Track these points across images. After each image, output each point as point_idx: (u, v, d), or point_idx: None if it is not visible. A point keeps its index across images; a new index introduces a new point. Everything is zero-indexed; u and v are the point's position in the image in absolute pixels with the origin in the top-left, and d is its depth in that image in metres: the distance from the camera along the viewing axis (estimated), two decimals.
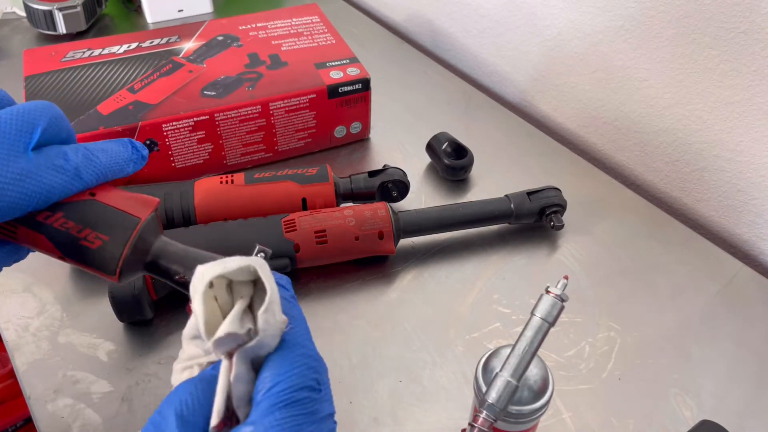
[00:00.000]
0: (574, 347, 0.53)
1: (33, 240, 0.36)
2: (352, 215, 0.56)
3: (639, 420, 0.48)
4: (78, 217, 0.35)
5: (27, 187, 0.32)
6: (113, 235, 0.35)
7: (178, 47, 0.72)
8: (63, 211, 0.35)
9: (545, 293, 0.36)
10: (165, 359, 0.51)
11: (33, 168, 0.32)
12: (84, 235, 0.35)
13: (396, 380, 0.50)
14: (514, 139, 0.75)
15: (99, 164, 0.36)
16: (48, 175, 0.33)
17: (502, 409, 0.35)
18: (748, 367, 0.52)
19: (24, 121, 0.32)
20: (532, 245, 0.62)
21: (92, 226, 0.35)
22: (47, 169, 0.33)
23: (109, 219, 0.36)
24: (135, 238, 0.36)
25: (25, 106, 0.33)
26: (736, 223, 0.66)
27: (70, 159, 0.34)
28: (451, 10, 0.91)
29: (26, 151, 0.32)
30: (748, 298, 0.58)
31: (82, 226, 0.35)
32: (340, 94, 0.69)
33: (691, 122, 0.66)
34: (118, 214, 0.36)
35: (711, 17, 0.59)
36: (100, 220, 0.35)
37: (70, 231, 0.35)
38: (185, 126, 0.63)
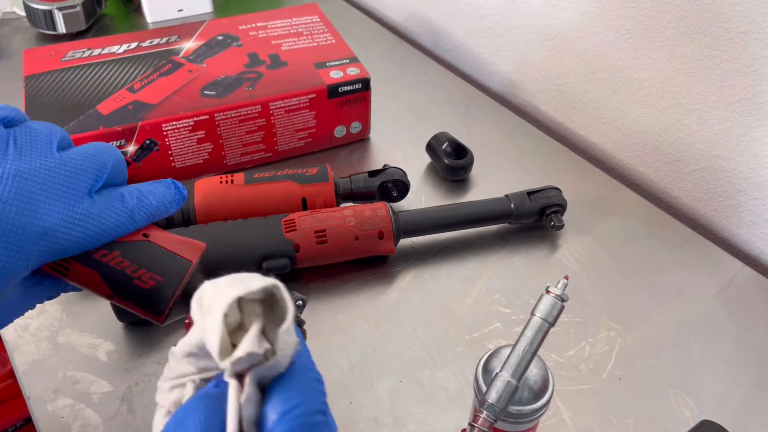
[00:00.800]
0: (574, 347, 0.53)
1: (86, 277, 0.36)
2: (352, 215, 0.56)
3: (639, 420, 0.48)
4: (134, 257, 0.36)
5: (89, 227, 0.34)
6: (167, 277, 0.36)
7: (178, 47, 0.72)
8: (119, 251, 0.36)
9: (545, 293, 0.36)
10: (164, 359, 0.51)
11: (95, 210, 0.34)
12: (139, 275, 0.36)
13: (396, 380, 0.50)
14: (514, 139, 0.75)
15: (150, 206, 0.37)
16: (107, 217, 0.34)
17: (502, 409, 0.35)
18: (748, 367, 0.52)
19: (92, 164, 0.34)
20: (532, 245, 0.62)
21: (147, 266, 0.36)
22: (106, 210, 0.35)
23: (164, 261, 0.37)
24: (186, 280, 0.37)
25: (94, 149, 0.35)
26: (736, 223, 0.66)
27: (126, 202, 0.36)
28: (452, 9, 0.91)
29: (90, 193, 0.34)
30: (748, 298, 0.58)
31: (137, 266, 0.36)
32: (340, 94, 0.69)
33: (691, 122, 0.66)
34: (172, 256, 0.37)
35: (711, 17, 0.59)
36: (155, 261, 0.37)
37: (126, 270, 0.36)
38: (185, 126, 0.63)
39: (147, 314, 0.37)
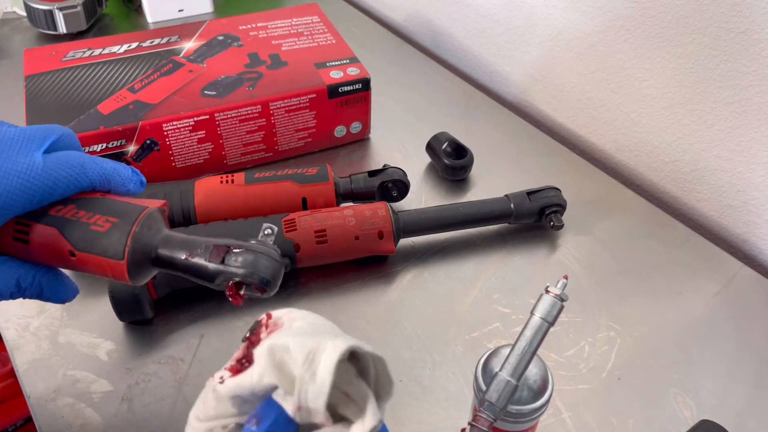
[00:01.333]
0: (574, 347, 0.53)
1: (45, 238, 0.36)
2: (352, 215, 0.56)
3: (639, 420, 0.48)
4: (89, 207, 0.37)
5: (34, 176, 0.35)
6: (122, 218, 0.37)
7: (179, 47, 0.72)
8: (75, 204, 0.37)
9: (545, 293, 0.36)
10: (165, 359, 0.51)
11: (40, 162, 0.35)
12: (94, 220, 0.36)
13: (396, 380, 0.50)
14: (514, 139, 0.76)
15: (103, 166, 0.38)
16: (54, 169, 0.36)
17: (501, 409, 0.35)
18: (747, 367, 0.52)
19: (39, 130, 0.37)
20: (532, 245, 0.62)
21: (102, 212, 0.37)
22: (54, 163, 0.36)
23: (119, 206, 0.38)
24: (143, 218, 0.37)
25: (43, 125, 0.38)
26: (735, 223, 0.66)
27: (77, 156, 0.37)
28: (452, 10, 0.91)
29: (38, 151, 0.36)
30: (747, 298, 0.58)
31: (92, 214, 0.37)
32: (340, 94, 0.69)
33: (691, 122, 0.66)
34: (127, 204, 0.38)
35: (711, 17, 0.59)
36: (111, 208, 0.37)
37: (81, 219, 0.37)
38: (185, 126, 0.64)
39: (110, 265, 0.36)
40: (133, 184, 0.40)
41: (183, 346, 0.52)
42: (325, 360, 0.27)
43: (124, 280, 0.37)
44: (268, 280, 0.37)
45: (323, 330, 0.30)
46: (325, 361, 0.27)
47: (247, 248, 0.37)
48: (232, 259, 0.37)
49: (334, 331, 0.30)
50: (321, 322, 0.31)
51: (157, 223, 0.38)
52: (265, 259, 0.37)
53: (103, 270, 0.37)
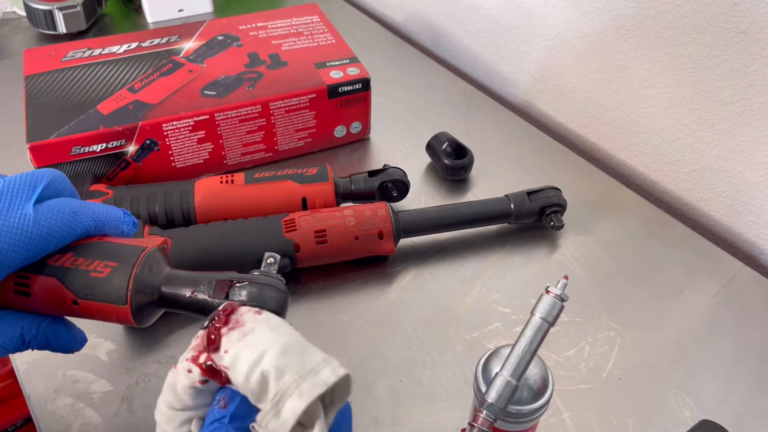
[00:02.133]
0: (574, 347, 0.53)
1: (46, 289, 0.36)
2: (352, 215, 0.56)
3: (639, 420, 0.48)
4: (87, 253, 0.37)
5: (27, 231, 0.35)
6: (122, 261, 0.36)
7: (178, 47, 0.72)
8: (72, 251, 0.37)
9: (545, 293, 0.36)
10: (165, 359, 0.51)
11: (31, 215, 0.35)
12: (94, 266, 0.36)
13: (396, 380, 0.50)
14: (514, 139, 0.76)
15: (95, 211, 0.38)
16: (47, 220, 0.35)
17: (501, 409, 0.35)
18: (747, 367, 0.52)
19: (29, 178, 0.36)
20: (532, 245, 0.62)
21: (101, 257, 0.36)
22: (46, 214, 0.35)
23: (117, 250, 0.37)
24: (142, 260, 0.36)
25: (32, 171, 0.37)
26: (735, 223, 0.66)
27: (68, 203, 0.37)
28: (452, 10, 0.91)
29: (28, 202, 0.35)
30: (748, 298, 0.58)
31: (91, 260, 0.36)
32: (340, 94, 0.69)
33: (690, 122, 0.66)
34: (127, 246, 0.38)
35: (711, 17, 0.59)
36: (109, 251, 0.37)
37: (80, 266, 0.36)
38: (185, 126, 0.64)
39: (114, 311, 0.36)
40: (126, 225, 0.40)
41: (183, 346, 0.52)
42: (290, 406, 0.30)
43: (129, 323, 0.37)
44: (277, 312, 0.37)
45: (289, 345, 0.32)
46: (290, 407, 0.30)
47: (250, 281, 0.37)
48: (237, 292, 0.37)
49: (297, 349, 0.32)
50: (281, 327, 0.33)
51: (158, 263, 0.38)
52: (270, 290, 0.37)
53: (107, 316, 0.36)
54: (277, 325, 0.33)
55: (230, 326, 0.33)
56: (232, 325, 0.33)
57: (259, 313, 0.33)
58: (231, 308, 0.33)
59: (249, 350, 0.31)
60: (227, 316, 0.33)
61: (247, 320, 0.33)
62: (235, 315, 0.33)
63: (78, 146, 0.60)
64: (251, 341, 0.32)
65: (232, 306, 0.34)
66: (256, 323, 0.33)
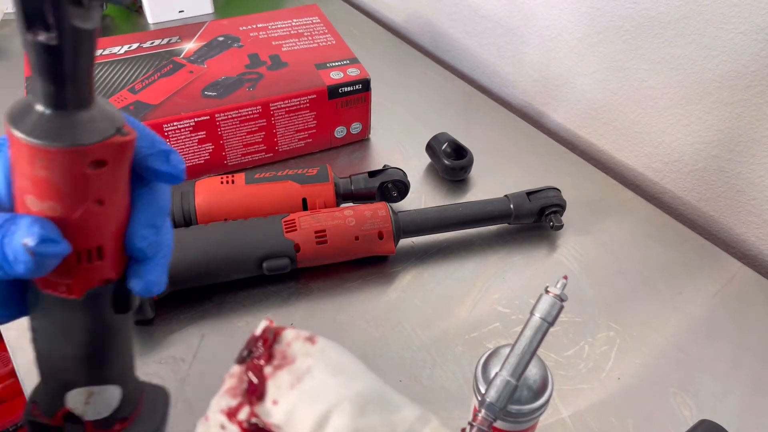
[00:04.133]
0: (574, 347, 0.53)
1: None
2: (352, 215, 0.56)
3: (638, 419, 0.48)
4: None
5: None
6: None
7: (179, 48, 0.72)
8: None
9: (545, 293, 0.36)
10: (165, 359, 0.51)
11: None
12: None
13: (396, 380, 0.50)
14: (514, 139, 0.76)
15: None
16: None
17: (501, 409, 0.36)
18: (747, 367, 0.52)
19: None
20: (532, 245, 0.62)
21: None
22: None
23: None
24: None
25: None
26: (735, 223, 0.66)
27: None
28: (452, 11, 0.91)
29: None
30: (747, 298, 0.58)
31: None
32: (341, 95, 0.69)
33: (690, 122, 0.66)
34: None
35: (710, 18, 0.60)
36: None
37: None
38: (186, 126, 0.64)
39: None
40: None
41: (183, 346, 0.52)
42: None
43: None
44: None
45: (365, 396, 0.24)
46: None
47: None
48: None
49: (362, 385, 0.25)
50: (346, 365, 0.25)
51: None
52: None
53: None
54: (340, 362, 0.25)
55: (276, 363, 0.25)
56: (279, 361, 0.25)
57: (312, 342, 0.25)
58: (273, 335, 0.25)
59: (309, 404, 0.23)
60: (270, 348, 0.25)
61: (297, 353, 0.25)
62: (279, 345, 0.25)
63: None
64: (310, 389, 0.24)
65: (274, 331, 0.26)
66: (312, 359, 0.25)
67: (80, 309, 0.29)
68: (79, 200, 0.25)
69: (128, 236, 0.27)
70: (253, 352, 0.25)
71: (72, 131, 0.24)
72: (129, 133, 0.26)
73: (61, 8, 0.22)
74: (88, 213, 0.26)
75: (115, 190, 0.27)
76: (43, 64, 0.23)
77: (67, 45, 0.23)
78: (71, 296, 0.28)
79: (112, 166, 0.26)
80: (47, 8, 0.22)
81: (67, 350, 0.30)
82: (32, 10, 0.22)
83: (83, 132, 0.25)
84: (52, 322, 0.29)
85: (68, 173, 0.24)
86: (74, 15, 0.22)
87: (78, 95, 0.24)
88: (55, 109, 0.24)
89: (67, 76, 0.24)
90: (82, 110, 0.25)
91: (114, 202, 0.27)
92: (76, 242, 0.26)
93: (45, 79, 0.24)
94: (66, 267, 0.27)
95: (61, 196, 0.25)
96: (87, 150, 0.24)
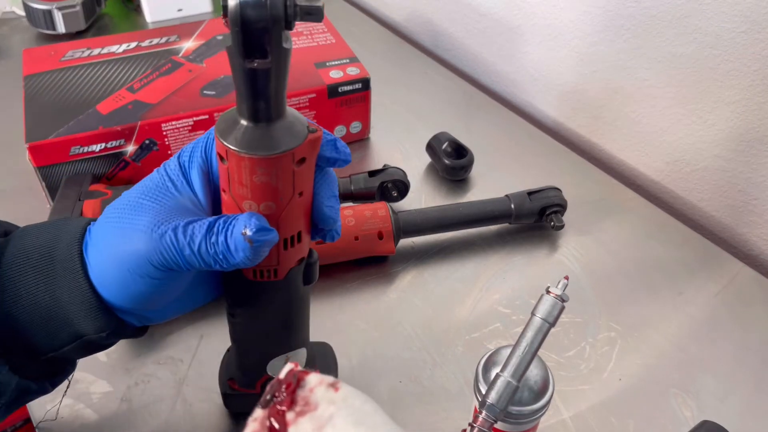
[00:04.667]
0: (575, 348, 0.53)
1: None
2: (352, 215, 0.56)
3: (639, 420, 0.48)
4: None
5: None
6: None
7: (178, 47, 0.72)
8: None
9: (546, 293, 0.36)
10: (164, 360, 0.51)
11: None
12: None
13: (396, 380, 0.50)
14: (514, 139, 0.75)
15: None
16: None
17: (502, 410, 0.35)
18: (748, 368, 0.52)
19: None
20: (533, 245, 0.62)
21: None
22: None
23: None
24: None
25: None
26: (736, 223, 0.66)
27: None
28: (452, 9, 0.90)
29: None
30: (748, 298, 0.58)
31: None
32: (340, 94, 0.69)
33: (691, 122, 0.66)
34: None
35: (711, 17, 0.59)
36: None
37: None
38: (185, 125, 0.63)
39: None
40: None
41: (182, 346, 0.52)
42: None
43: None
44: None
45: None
46: None
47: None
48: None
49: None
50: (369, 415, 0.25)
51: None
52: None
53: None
54: (363, 411, 0.25)
55: (299, 409, 0.24)
56: (301, 408, 0.24)
57: (335, 389, 0.25)
58: (297, 379, 0.25)
59: None
60: (293, 393, 0.25)
61: (320, 400, 0.24)
62: (302, 391, 0.25)
63: (77, 146, 0.59)
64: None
65: (297, 375, 0.25)
66: (335, 407, 0.24)
67: (282, 288, 0.34)
68: (288, 195, 0.30)
69: (317, 210, 0.33)
70: (277, 397, 0.25)
71: (281, 138, 0.29)
72: (317, 130, 0.30)
73: (279, 36, 0.25)
74: (294, 204, 0.31)
75: (310, 180, 0.31)
76: (254, 85, 0.27)
77: (277, 66, 0.27)
78: (276, 279, 0.33)
79: (309, 160, 0.30)
80: (268, 40, 0.25)
81: (269, 325, 0.37)
82: (254, 43, 0.25)
83: (289, 137, 0.29)
84: (256, 305, 0.35)
85: (282, 174, 0.29)
86: (285, 38, 0.26)
87: (279, 107, 0.29)
88: (265, 122, 0.29)
89: (273, 92, 0.28)
90: (284, 117, 0.29)
91: (309, 190, 0.32)
92: (284, 231, 0.31)
93: (255, 98, 0.28)
94: (274, 254, 0.32)
95: (276, 195, 0.30)
96: (295, 151, 0.29)
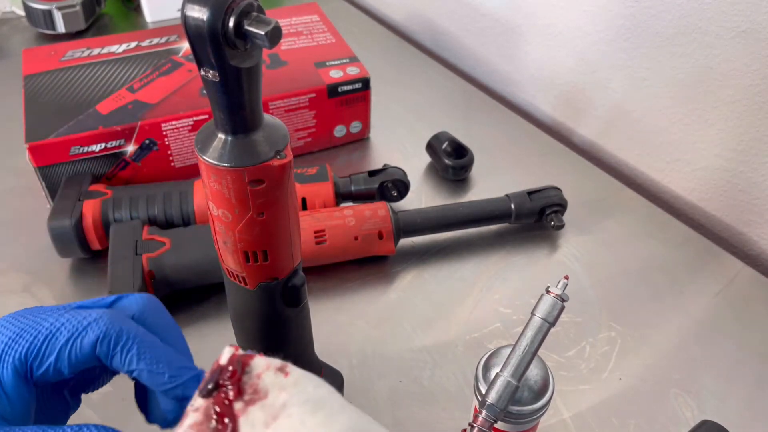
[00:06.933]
0: (575, 347, 0.53)
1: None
2: (352, 215, 0.56)
3: (640, 420, 0.48)
4: None
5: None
6: None
7: (178, 46, 0.72)
8: None
9: (546, 293, 0.36)
10: None
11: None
12: None
13: (396, 380, 0.50)
14: (514, 138, 0.75)
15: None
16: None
17: (502, 410, 0.35)
18: (748, 367, 0.52)
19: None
20: (533, 245, 0.62)
21: None
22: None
23: None
24: None
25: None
26: (737, 222, 0.66)
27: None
28: (452, 9, 0.90)
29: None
30: (748, 298, 0.57)
31: None
32: (340, 94, 0.69)
33: (691, 121, 0.65)
34: None
35: (712, 16, 0.59)
36: None
37: None
38: (184, 125, 0.63)
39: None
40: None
41: None
42: None
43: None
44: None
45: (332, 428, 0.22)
46: None
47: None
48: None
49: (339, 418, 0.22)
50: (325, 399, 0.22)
51: None
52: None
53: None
54: (318, 395, 0.22)
55: (247, 398, 0.22)
56: (250, 396, 0.22)
57: (285, 374, 0.22)
58: (241, 365, 0.22)
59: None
60: (238, 381, 0.22)
61: (270, 386, 0.22)
62: (249, 377, 0.22)
63: (77, 146, 0.59)
64: (288, 429, 0.21)
65: (241, 360, 0.23)
66: (286, 393, 0.22)
67: (255, 298, 0.36)
68: (244, 211, 0.31)
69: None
70: (220, 384, 0.22)
71: (237, 154, 0.29)
72: (286, 156, 0.30)
73: (221, 52, 0.27)
74: (252, 222, 0.31)
75: (274, 205, 0.31)
76: (212, 95, 0.28)
77: (226, 81, 0.27)
78: (247, 287, 0.35)
79: (269, 184, 0.30)
80: (212, 55, 0.27)
81: (252, 334, 0.39)
82: (201, 53, 0.27)
83: (246, 155, 0.29)
84: (237, 301, 0.37)
85: (234, 188, 0.30)
86: (233, 56, 0.27)
87: (243, 122, 0.29)
88: (226, 134, 0.29)
89: (231, 105, 0.28)
90: (249, 134, 0.30)
91: (274, 214, 0.32)
92: (243, 244, 0.32)
93: (214, 107, 0.29)
94: (240, 263, 0.33)
95: (230, 206, 0.31)
96: (246, 170, 0.29)
